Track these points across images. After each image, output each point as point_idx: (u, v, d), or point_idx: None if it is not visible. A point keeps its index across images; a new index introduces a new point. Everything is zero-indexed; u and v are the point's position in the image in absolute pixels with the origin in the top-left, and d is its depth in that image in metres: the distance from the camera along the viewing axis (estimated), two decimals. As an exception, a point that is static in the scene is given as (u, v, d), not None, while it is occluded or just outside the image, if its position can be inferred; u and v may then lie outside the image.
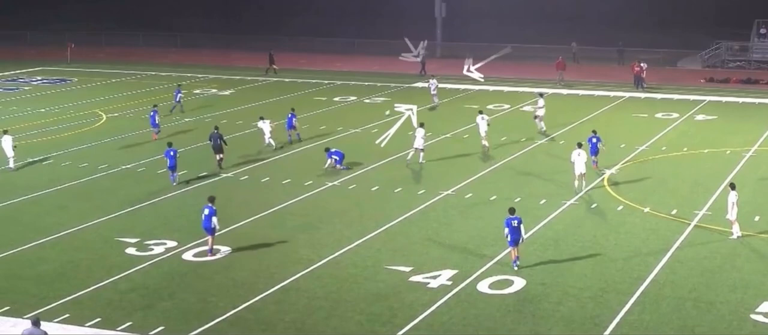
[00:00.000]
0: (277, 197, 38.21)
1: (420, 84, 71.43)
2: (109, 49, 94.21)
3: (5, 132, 44.48)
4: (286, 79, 73.85)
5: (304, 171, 42.79)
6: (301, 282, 28.84)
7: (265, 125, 48.14)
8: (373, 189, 39.76)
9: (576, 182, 39.16)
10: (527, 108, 59.67)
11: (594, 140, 42.53)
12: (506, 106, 61.18)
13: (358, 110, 60.45)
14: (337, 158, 43.46)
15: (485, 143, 46.24)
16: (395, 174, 42.49)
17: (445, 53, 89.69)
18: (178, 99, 58.56)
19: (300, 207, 37.15)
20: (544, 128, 51.75)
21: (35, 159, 45.46)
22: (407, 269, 29.76)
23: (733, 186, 33.29)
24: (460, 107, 60.48)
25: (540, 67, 78.58)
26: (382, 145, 44.47)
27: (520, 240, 29.90)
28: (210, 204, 31.16)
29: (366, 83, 71.85)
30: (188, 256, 31.23)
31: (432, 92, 61.67)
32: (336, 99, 64.03)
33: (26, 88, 70.42)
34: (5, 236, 33.42)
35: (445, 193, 38.91)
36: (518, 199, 37.74)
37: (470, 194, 38.60)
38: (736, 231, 32.76)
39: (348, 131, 52.52)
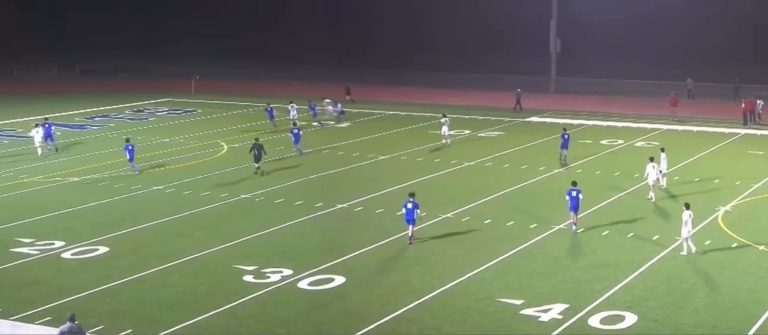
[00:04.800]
0: (391, 228, 38.70)
1: (535, 119, 71.62)
2: (231, 81, 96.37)
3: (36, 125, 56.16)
4: (402, 113, 74.70)
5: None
6: (413, 313, 29.19)
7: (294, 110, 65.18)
8: (486, 222, 40.05)
9: (650, 193, 43.64)
10: (640, 143, 59.32)
11: (566, 135, 53.02)
12: (619, 141, 60.89)
13: (472, 143, 60.82)
14: (294, 138, 55.80)
15: (652, 194, 44.19)
16: (508, 207, 42.72)
17: (558, 88, 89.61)
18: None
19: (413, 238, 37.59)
20: None
21: (159, 187, 46.93)
22: (518, 302, 29.92)
23: (687, 206, 35.35)
24: (575, 141, 60.31)
25: (654, 103, 77.95)
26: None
27: (578, 208, 37.82)
28: (412, 199, 36.22)
29: (480, 117, 72.22)
30: (303, 284, 31.81)
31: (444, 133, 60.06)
32: (451, 133, 64.44)
33: (152, 118, 72.71)
34: (130, 260, 34.51)
35: (558, 227, 38.98)
36: (631, 234, 37.69)
37: (582, 229, 38.56)
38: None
39: (462, 164, 52.94)
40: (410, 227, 36.58)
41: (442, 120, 60.15)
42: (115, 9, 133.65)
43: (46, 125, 57.50)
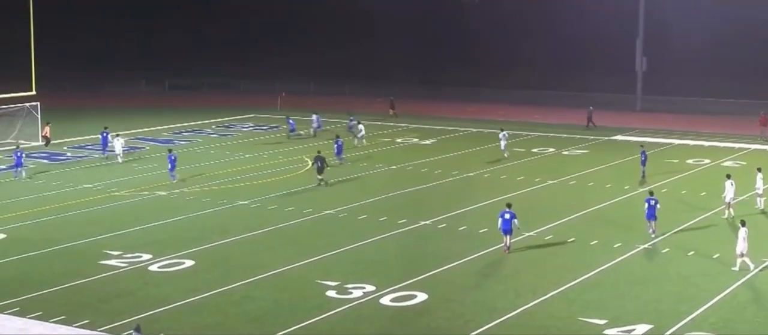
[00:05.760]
0: (474, 246, 38.74)
1: (619, 137, 71.07)
2: (316, 98, 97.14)
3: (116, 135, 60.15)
4: (485, 130, 74.61)
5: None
6: (495, 331, 29.18)
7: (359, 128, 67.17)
8: (570, 240, 39.88)
9: (726, 211, 43.90)
10: (728, 163, 58.49)
11: (643, 155, 54.19)
12: (706, 161, 60.13)
13: (555, 161, 60.59)
14: (337, 149, 58.33)
15: (731, 212, 44.06)
16: (592, 226, 42.49)
17: (645, 107, 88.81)
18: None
19: (496, 256, 37.55)
20: None
21: (244, 202, 47.57)
22: (602, 322, 29.74)
23: (743, 223, 35.55)
24: (661, 160, 59.72)
25: (742, 122, 76.85)
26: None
27: (655, 216, 39.69)
28: (509, 209, 37.58)
29: (564, 135, 71.92)
30: (386, 301, 31.97)
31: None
32: (534, 150, 64.38)
33: (238, 134, 73.71)
34: (215, 274, 35.04)
35: (642, 247, 38.65)
36: (717, 255, 37.19)
37: (667, 249, 38.24)
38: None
39: (546, 182, 52.76)
40: (507, 237, 37.80)
41: (501, 135, 62.26)
42: (204, 26, 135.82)
43: (104, 134, 59.62)
